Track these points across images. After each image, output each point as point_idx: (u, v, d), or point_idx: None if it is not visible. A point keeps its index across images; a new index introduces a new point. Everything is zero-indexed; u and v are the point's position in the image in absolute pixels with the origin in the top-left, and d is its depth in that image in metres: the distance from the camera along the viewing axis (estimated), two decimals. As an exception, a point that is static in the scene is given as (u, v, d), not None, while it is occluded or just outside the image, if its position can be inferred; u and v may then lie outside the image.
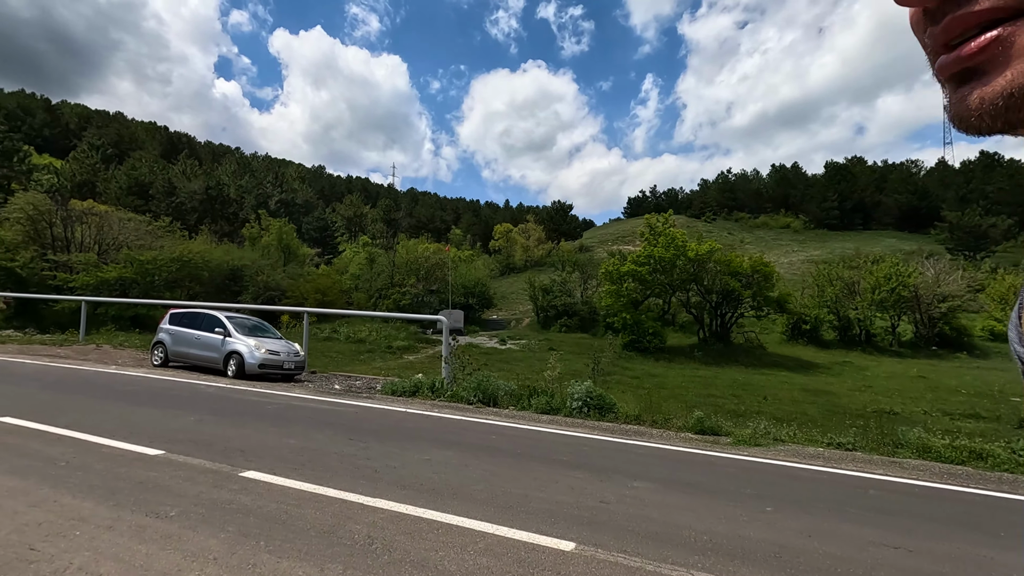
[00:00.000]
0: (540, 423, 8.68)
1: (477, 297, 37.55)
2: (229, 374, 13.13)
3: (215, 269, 35.48)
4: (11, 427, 6.31)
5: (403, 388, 11.24)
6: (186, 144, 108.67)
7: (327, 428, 7.22)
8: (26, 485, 4.36)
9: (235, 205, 63.59)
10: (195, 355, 13.82)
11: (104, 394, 9.08)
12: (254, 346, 13.26)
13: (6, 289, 31.31)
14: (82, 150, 62.09)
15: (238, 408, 8.40)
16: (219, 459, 5.37)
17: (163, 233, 38.81)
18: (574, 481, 5.29)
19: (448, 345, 14.96)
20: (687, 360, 25.98)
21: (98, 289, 30.60)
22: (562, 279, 36.92)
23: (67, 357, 14.78)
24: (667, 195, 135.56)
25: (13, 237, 31.98)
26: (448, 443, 6.72)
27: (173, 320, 14.65)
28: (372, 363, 21.72)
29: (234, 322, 14.03)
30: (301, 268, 44.60)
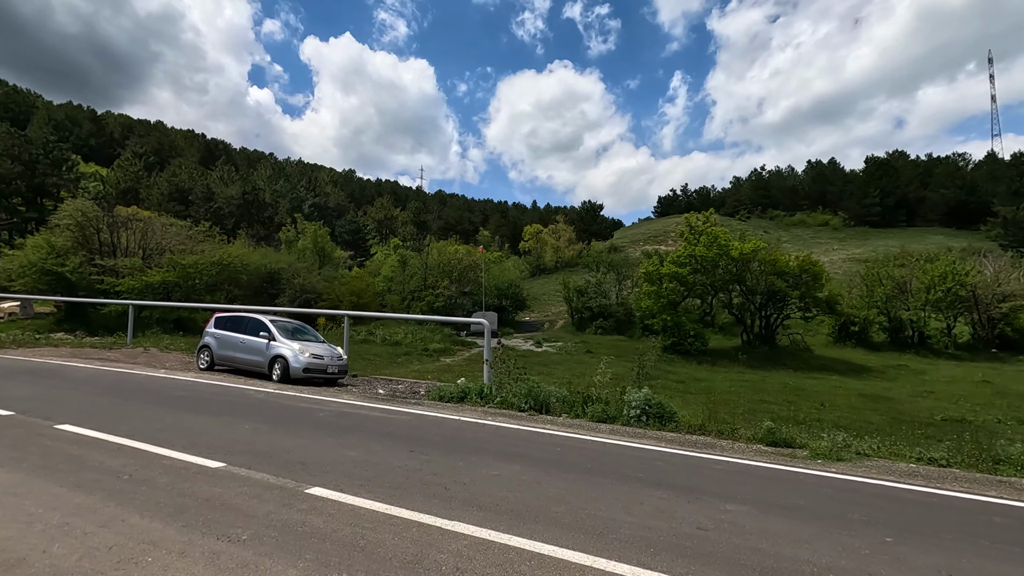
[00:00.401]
0: (599, 433, 8.26)
1: (511, 299, 37.25)
2: (274, 378, 13.09)
3: (253, 272, 36.07)
4: (72, 435, 6.21)
5: (451, 394, 10.96)
6: (223, 151, 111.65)
7: (385, 438, 6.96)
8: (92, 502, 4.18)
9: (270, 209, 64.88)
10: (240, 359, 13.84)
11: (157, 400, 9.03)
12: (298, 350, 13.19)
13: (57, 293, 32.40)
14: (126, 158, 64.27)
15: (291, 415, 8.23)
16: (282, 473, 5.13)
17: (203, 237, 39.70)
18: (660, 502, 4.87)
19: (490, 349, 14.67)
20: (731, 363, 25.13)
21: (143, 293, 31.39)
22: (597, 280, 36.34)
23: (117, 361, 15.00)
24: (698, 193, 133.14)
25: (63, 243, 33.04)
26: (513, 456, 6.36)
27: (218, 324, 14.72)
28: (410, 366, 21.60)
29: (277, 325, 14.01)
30: (335, 271, 45.09)
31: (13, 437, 6.03)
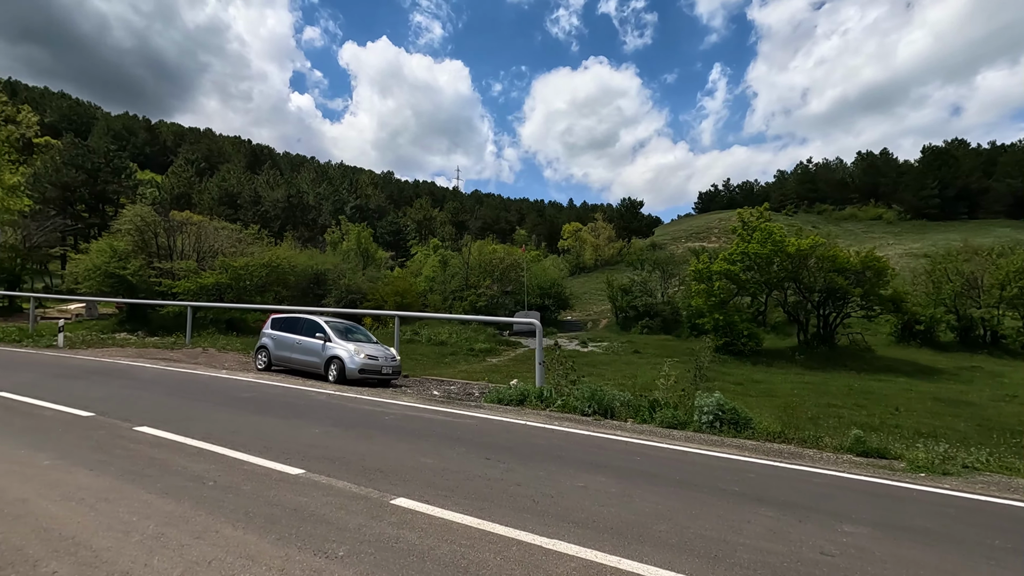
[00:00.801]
0: (674, 440, 7.87)
1: (553, 298, 36.88)
2: (330, 379, 13.16)
3: (300, 274, 36.84)
4: (151, 438, 6.25)
5: (509, 397, 10.73)
6: (268, 156, 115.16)
7: (456, 444, 6.76)
8: (183, 510, 4.10)
9: (314, 212, 66.37)
10: (297, 360, 13.99)
11: (224, 401, 9.13)
12: (353, 351, 13.22)
13: (119, 295, 33.85)
14: (179, 165, 66.94)
15: (357, 419, 8.15)
16: (362, 481, 4.98)
17: (252, 240, 40.80)
18: (768, 521, 4.47)
19: (542, 350, 14.40)
20: (787, 364, 24.08)
21: (197, 294, 32.45)
22: (642, 279, 35.55)
23: (179, 361, 15.42)
24: (741, 188, 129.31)
25: (125, 247, 34.49)
26: (594, 465, 6.05)
27: (275, 325, 14.94)
28: (457, 366, 21.54)
29: (331, 326, 14.09)
30: (378, 271, 45.71)
31: (97, 439, 6.10)
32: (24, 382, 9.98)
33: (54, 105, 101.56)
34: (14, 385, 9.50)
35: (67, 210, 49.53)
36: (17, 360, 13.73)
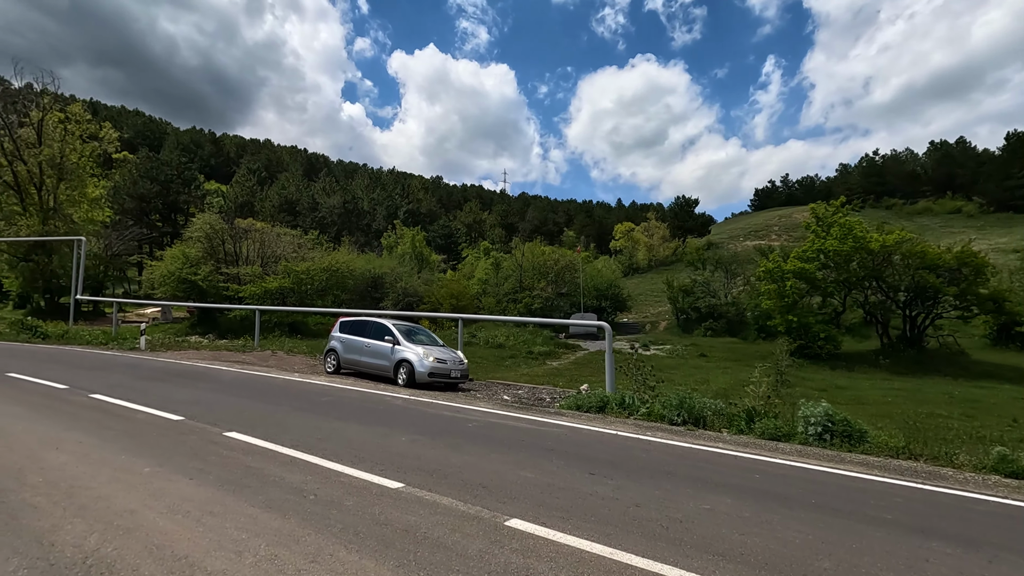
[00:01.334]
0: (784, 454, 7.15)
1: (610, 300, 36.01)
2: (399, 383, 13.02)
3: (359, 277, 37.49)
4: (243, 445, 6.12)
5: (588, 403, 10.21)
6: (323, 164, 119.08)
7: (551, 455, 6.32)
8: (291, 527, 3.82)
9: (368, 217, 67.85)
10: (366, 363, 13.95)
11: (305, 405, 9.05)
12: (422, 354, 13.03)
13: (191, 299, 35.43)
14: (242, 174, 69.97)
15: (440, 426, 7.85)
16: (467, 498, 4.60)
17: (312, 245, 41.95)
18: (951, 560, 3.79)
19: (612, 353, 13.79)
20: (870, 368, 22.40)
21: (262, 298, 33.51)
22: (704, 279, 34.17)
23: (252, 364, 15.72)
24: (801, 184, 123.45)
25: (196, 254, 36.08)
26: (710, 484, 5.47)
27: (343, 328, 14.98)
28: (518, 369, 21.18)
29: (398, 329, 13.98)
30: (432, 274, 46.09)
31: (191, 445, 6.01)
32: (115, 384, 10.27)
33: (130, 122, 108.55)
34: (106, 387, 9.76)
35: (143, 220, 52.53)
36: (106, 362, 14.32)
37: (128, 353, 17.27)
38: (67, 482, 4.63)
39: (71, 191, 40.01)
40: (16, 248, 36.93)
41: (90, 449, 5.71)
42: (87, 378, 10.97)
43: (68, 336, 23.38)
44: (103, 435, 6.35)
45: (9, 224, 37.34)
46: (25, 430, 6.46)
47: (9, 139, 36.13)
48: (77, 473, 4.88)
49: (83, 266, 32.54)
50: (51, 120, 37.06)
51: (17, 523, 3.76)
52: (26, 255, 37.31)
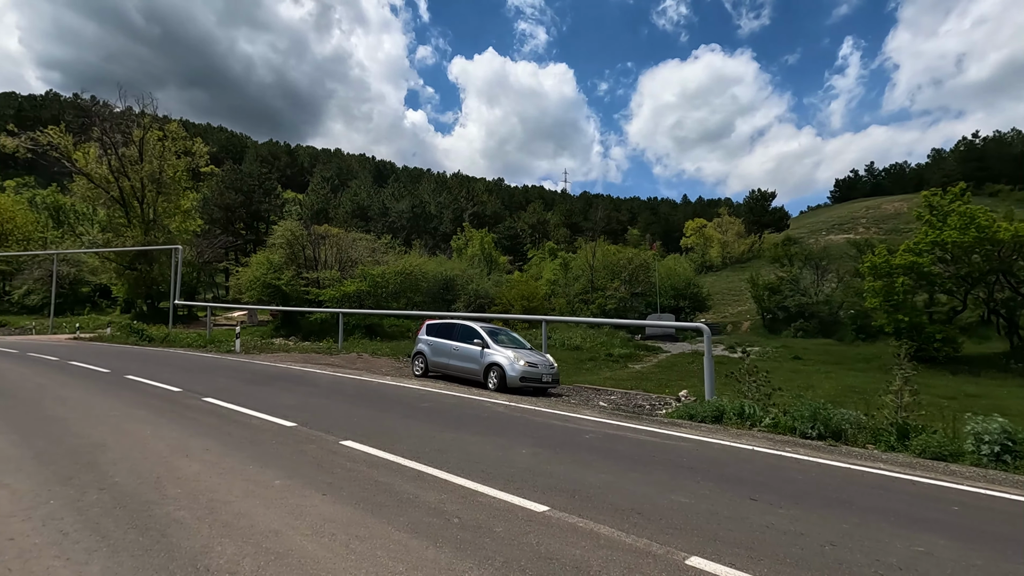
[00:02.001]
0: (968, 480, 6.12)
1: (689, 299, 34.47)
2: (490, 387, 12.68)
3: (431, 280, 37.90)
4: (363, 456, 5.87)
5: (702, 412, 9.41)
6: (390, 170, 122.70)
7: (694, 475, 5.66)
8: (449, 559, 3.42)
9: (435, 220, 68.95)
10: (454, 366, 13.73)
11: (408, 411, 8.84)
12: (513, 358, 12.63)
13: (275, 303, 37.01)
14: (316, 183, 73.09)
15: (556, 437, 7.36)
16: (627, 527, 4.05)
17: (385, 249, 42.92)
18: None
19: (711, 357, 12.85)
20: (999, 373, 19.98)
21: (341, 301, 34.48)
22: (792, 276, 31.96)
23: (342, 366, 15.92)
24: (888, 173, 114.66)
25: (278, 259, 37.72)
26: (906, 518, 4.64)
27: (430, 331, 14.86)
28: (600, 372, 20.45)
29: (486, 332, 13.66)
30: (500, 276, 46.06)
31: (313, 455, 5.82)
32: (222, 388, 10.51)
33: (214, 138, 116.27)
34: (216, 390, 9.98)
35: (229, 228, 55.81)
36: (209, 365, 14.90)
37: (226, 356, 18.01)
38: (205, 495, 4.48)
39: (168, 203, 42.99)
40: (122, 257, 40.04)
41: (218, 457, 5.63)
42: (196, 381, 11.33)
43: (169, 339, 24.86)
44: (226, 442, 6.30)
45: (116, 235, 40.57)
46: (154, 435, 6.53)
47: (115, 157, 39.24)
48: (212, 485, 4.74)
49: (180, 273, 34.76)
50: (151, 138, 39.94)
51: (168, 541, 3.58)
52: (130, 264, 40.40)
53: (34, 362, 14.28)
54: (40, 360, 14.76)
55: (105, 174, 39.97)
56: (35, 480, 4.76)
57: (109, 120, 40.20)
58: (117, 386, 10.39)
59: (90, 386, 10.30)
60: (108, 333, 27.87)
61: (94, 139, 40.13)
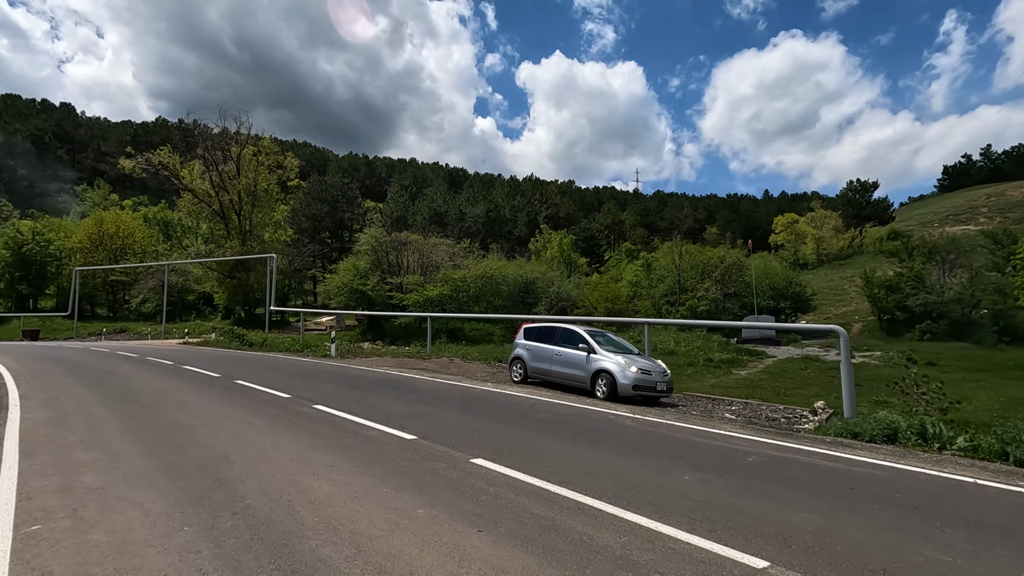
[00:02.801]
0: None
1: (790, 299, 31.78)
2: (598, 395, 11.73)
3: (511, 283, 37.43)
4: (505, 479, 5.11)
5: (869, 430, 7.96)
6: (462, 177, 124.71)
7: (921, 517, 4.45)
8: (683, 644, 2.52)
9: (510, 224, 68.83)
10: (557, 372, 12.89)
11: (529, 424, 8.08)
12: (624, 364, 11.61)
13: (361, 308, 37.90)
14: (395, 191, 75.24)
15: (712, 458, 6.31)
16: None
17: (465, 254, 43.02)
18: None
19: (849, 366, 11.21)
20: None
21: (423, 305, 34.73)
22: (914, 272, 28.54)
23: (437, 371, 15.53)
24: (1010, 155, 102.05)
25: (364, 265, 38.64)
26: None
27: (528, 335, 14.12)
28: (703, 379, 18.88)
29: (590, 335, 12.72)
30: (580, 278, 44.91)
31: (448, 477, 5.14)
32: (329, 394, 10.25)
33: (299, 153, 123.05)
34: (323, 397, 9.71)
35: (316, 237, 58.32)
36: (309, 370, 14.97)
37: (323, 360, 18.19)
38: (346, 526, 3.87)
39: (262, 215, 45.45)
40: (222, 267, 42.66)
41: (346, 476, 5.08)
42: (302, 386, 11.19)
43: (267, 344, 25.79)
44: (349, 457, 5.78)
45: (217, 246, 43.31)
46: (274, 446, 6.14)
47: (216, 172, 41.95)
48: (350, 512, 4.14)
49: (275, 280, 36.39)
50: (247, 154, 42.37)
51: (321, 593, 2.94)
52: (229, 273, 42.95)
53: (152, 366, 14.92)
54: (157, 364, 15.42)
55: (207, 189, 42.84)
56: (167, 499, 4.37)
57: (210, 139, 43.09)
58: (229, 391, 10.39)
59: (204, 391, 10.36)
60: (213, 338, 29.46)
61: (198, 157, 43.15)
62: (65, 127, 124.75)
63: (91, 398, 9.29)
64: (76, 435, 6.55)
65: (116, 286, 53.63)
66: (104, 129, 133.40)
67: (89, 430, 6.81)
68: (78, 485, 4.70)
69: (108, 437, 6.48)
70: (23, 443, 6.14)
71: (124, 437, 6.48)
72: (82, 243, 51.82)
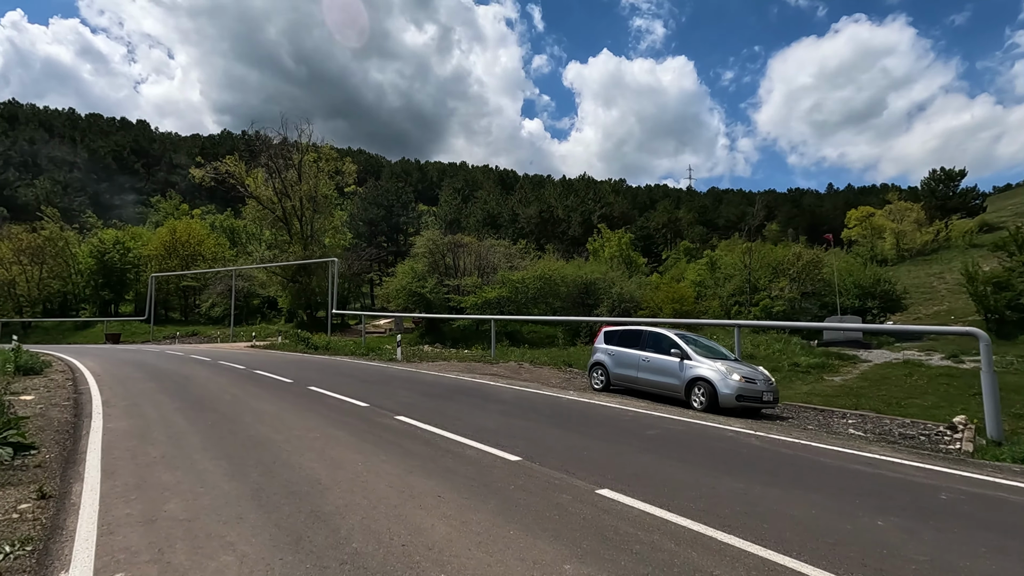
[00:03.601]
0: None
1: (878, 298, 29.23)
2: (695, 406, 10.60)
3: (570, 284, 36.36)
4: (647, 519, 4.18)
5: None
6: (512, 179, 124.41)
7: None
8: None
9: (564, 224, 67.71)
10: (644, 380, 11.82)
11: (639, 442, 7.12)
12: (724, 371, 10.43)
13: (419, 310, 37.81)
14: (448, 194, 75.57)
15: (896, 493, 5.15)
16: None
17: (521, 255, 42.30)
18: None
19: (994, 376, 9.65)
20: None
21: (482, 308, 34.18)
22: (1028, 266, 25.50)
23: (510, 377, 14.75)
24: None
25: (422, 268, 38.54)
26: None
27: (609, 339, 13.12)
28: (795, 386, 17.24)
29: (684, 340, 11.59)
30: (640, 278, 43.29)
31: (581, 516, 4.26)
32: (408, 403, 9.63)
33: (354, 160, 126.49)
34: (403, 406, 9.08)
35: (372, 241, 59.16)
36: (380, 375, 14.50)
37: (390, 365, 17.78)
38: (485, 589, 3.05)
39: (322, 220, 46.34)
40: (286, 271, 43.69)
41: (459, 510, 4.28)
42: (378, 394, 10.63)
43: (330, 347, 25.83)
44: (454, 483, 5.00)
45: (281, 251, 44.45)
46: (367, 468, 5.45)
47: (279, 180, 43.03)
48: (480, 566, 3.32)
49: (336, 284, 36.84)
50: (308, 160, 43.27)
51: None
52: (292, 277, 43.94)
53: (226, 371, 14.86)
54: (230, 369, 15.37)
55: (270, 196, 44.02)
56: (261, 539, 3.69)
57: (273, 148, 44.31)
58: (305, 399, 9.94)
59: (280, 399, 9.95)
60: (279, 341, 29.92)
61: (261, 165, 44.43)
62: (141, 142, 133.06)
63: (171, 406, 9.02)
64: (158, 449, 6.11)
65: (187, 291, 56.13)
66: (175, 143, 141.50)
67: (171, 444, 6.37)
68: (163, 515, 4.12)
69: (191, 453, 5.99)
70: (105, 459, 5.73)
71: (207, 453, 5.97)
72: (157, 250, 54.54)
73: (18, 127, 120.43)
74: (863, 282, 29.53)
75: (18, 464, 5.79)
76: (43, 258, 51.81)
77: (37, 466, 5.71)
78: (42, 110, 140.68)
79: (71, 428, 7.47)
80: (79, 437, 6.83)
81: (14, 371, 13.41)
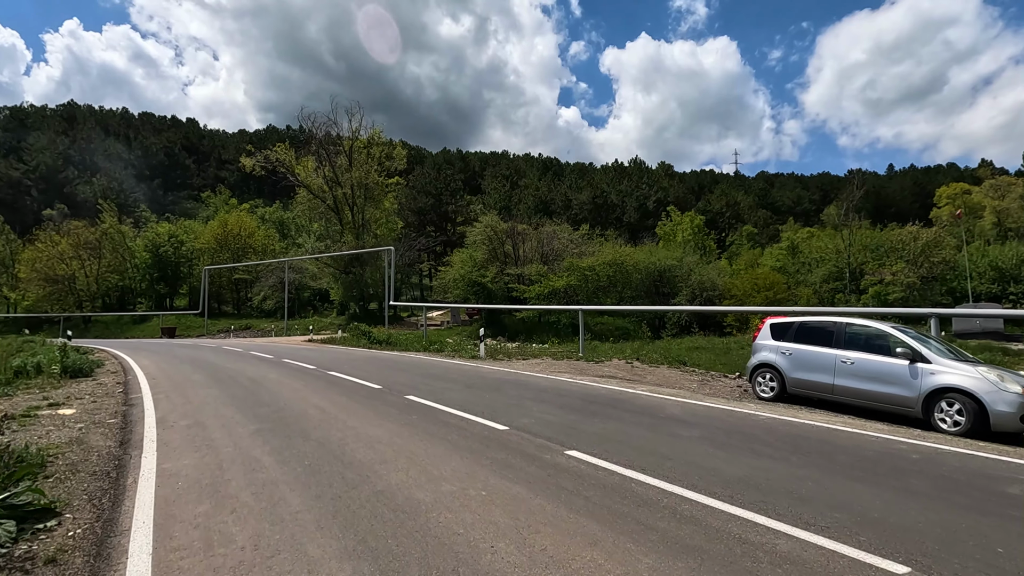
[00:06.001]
0: None
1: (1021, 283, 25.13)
2: (942, 427, 7.63)
3: (643, 271, 33.29)
4: None
5: None
6: (555, 166, 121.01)
7: None
8: None
9: (618, 210, 64.28)
10: (847, 388, 8.86)
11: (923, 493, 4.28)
12: (994, 379, 7.42)
13: (479, 301, 35.41)
14: (496, 181, 73.15)
15: None
16: None
17: (585, 240, 39.37)
18: None
19: None
20: None
21: (548, 298, 31.53)
22: None
23: (633, 381, 12.02)
24: None
25: (481, 256, 36.10)
26: None
27: (779, 334, 10.19)
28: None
29: (908, 335, 8.58)
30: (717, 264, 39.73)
31: None
32: (557, 423, 7.05)
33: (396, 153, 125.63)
34: (559, 431, 6.49)
35: (422, 231, 57.33)
36: (481, 378, 12.02)
37: (479, 364, 15.32)
38: None
39: (373, 209, 44.55)
40: (338, 262, 42.13)
41: None
42: (503, 408, 8.11)
43: (391, 341, 23.66)
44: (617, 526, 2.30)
45: (333, 242, 42.90)
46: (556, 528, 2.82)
47: (329, 167, 41.37)
48: None
49: (392, 274, 34.83)
50: (359, 144, 41.42)
51: None
52: (345, 268, 42.35)
53: (296, 372, 12.71)
54: (300, 370, 13.23)
55: (320, 184, 42.45)
56: None
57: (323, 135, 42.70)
58: (416, 415, 7.49)
59: (382, 415, 7.54)
60: (340, 336, 28.06)
61: (312, 152, 42.90)
62: (191, 139, 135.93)
63: (245, 428, 6.69)
64: (242, 528, 3.65)
65: (239, 284, 55.67)
66: (223, 140, 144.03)
67: (262, 516, 3.90)
68: None
69: (296, 534, 3.52)
70: (158, 550, 3.31)
71: (323, 534, 3.48)
72: (209, 244, 54.16)
73: (76, 127, 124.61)
74: (1002, 264, 25.41)
75: (23, 551, 3.46)
76: (101, 252, 52.09)
77: (50, 560, 3.34)
78: (98, 110, 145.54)
79: (114, 468, 5.18)
80: (122, 491, 4.50)
81: (60, 373, 11.56)
